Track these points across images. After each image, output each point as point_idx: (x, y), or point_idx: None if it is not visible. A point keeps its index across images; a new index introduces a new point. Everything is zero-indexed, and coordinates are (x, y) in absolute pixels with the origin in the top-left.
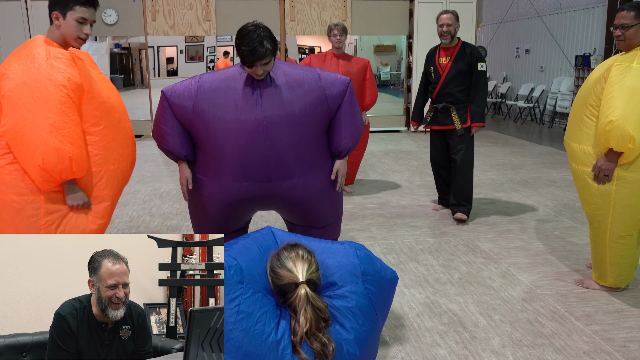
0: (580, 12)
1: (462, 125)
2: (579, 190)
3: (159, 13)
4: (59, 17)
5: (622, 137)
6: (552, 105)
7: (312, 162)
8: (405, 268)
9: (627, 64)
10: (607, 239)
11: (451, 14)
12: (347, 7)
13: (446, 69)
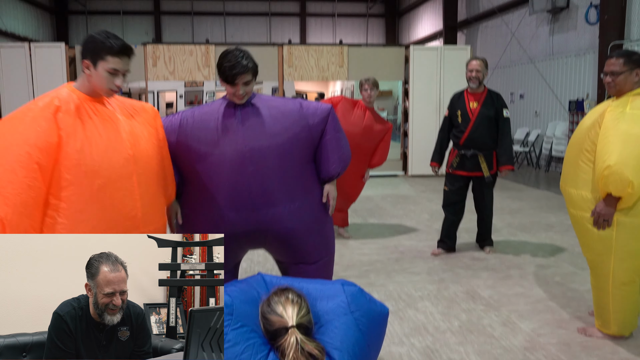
0: (572, 58)
1: (490, 172)
2: (579, 236)
3: (160, 59)
4: (89, 67)
5: (620, 182)
6: (547, 150)
7: (299, 189)
8: (404, 316)
9: (620, 109)
10: (610, 286)
11: (481, 61)
12: (344, 53)
13: (475, 114)
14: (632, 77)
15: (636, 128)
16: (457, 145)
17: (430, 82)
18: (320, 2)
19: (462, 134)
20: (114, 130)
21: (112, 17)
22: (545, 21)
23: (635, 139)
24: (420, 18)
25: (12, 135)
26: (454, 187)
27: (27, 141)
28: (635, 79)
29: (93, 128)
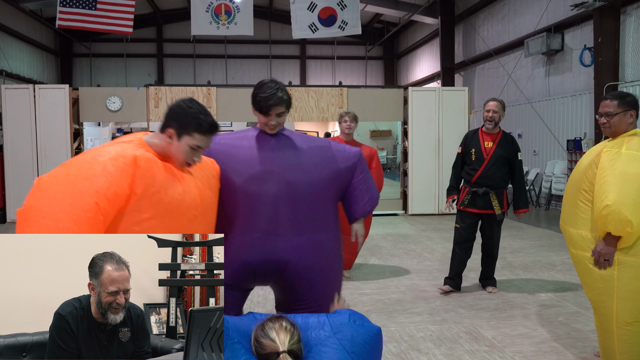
0: (569, 98)
1: (501, 210)
2: (580, 276)
3: (162, 100)
4: (172, 137)
5: (619, 221)
6: (547, 188)
7: (323, 223)
8: (406, 358)
9: (616, 150)
10: (614, 326)
11: (498, 102)
12: (344, 94)
13: (490, 153)
14: (627, 118)
15: (632, 168)
16: (469, 183)
17: (429, 122)
18: (320, 45)
19: (475, 171)
20: (187, 186)
21: (116, 59)
22: (540, 63)
23: (632, 179)
24: (418, 60)
25: (80, 182)
26: (465, 225)
27: (97, 190)
28: (629, 120)
29: (169, 180)
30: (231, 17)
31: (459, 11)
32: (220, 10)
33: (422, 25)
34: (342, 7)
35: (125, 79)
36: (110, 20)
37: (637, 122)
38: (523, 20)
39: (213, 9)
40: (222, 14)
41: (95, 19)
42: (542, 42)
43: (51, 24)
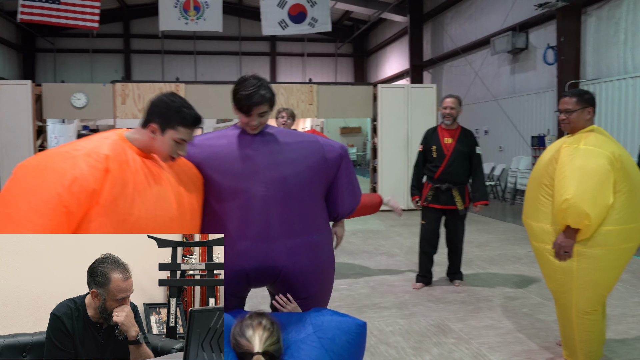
0: (533, 96)
1: (464, 205)
2: (542, 268)
3: (129, 97)
4: (156, 131)
5: (578, 215)
6: (512, 183)
7: (317, 223)
8: (376, 352)
9: (575, 145)
10: (574, 315)
11: (455, 99)
12: (314, 91)
13: (451, 149)
14: (585, 114)
15: (590, 163)
16: (432, 179)
17: (398, 119)
18: (290, 42)
19: (437, 168)
20: (162, 189)
21: (81, 55)
22: (506, 61)
23: (590, 174)
24: (387, 57)
25: (47, 173)
26: (430, 220)
27: (62, 183)
28: (587, 117)
29: (143, 184)
30: (200, 13)
31: (427, 9)
32: (189, 5)
33: (392, 23)
34: (312, 4)
35: (90, 75)
36: (75, 15)
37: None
38: (489, 19)
39: (181, 5)
40: (191, 10)
41: (60, 13)
42: (507, 40)
43: (12, 18)
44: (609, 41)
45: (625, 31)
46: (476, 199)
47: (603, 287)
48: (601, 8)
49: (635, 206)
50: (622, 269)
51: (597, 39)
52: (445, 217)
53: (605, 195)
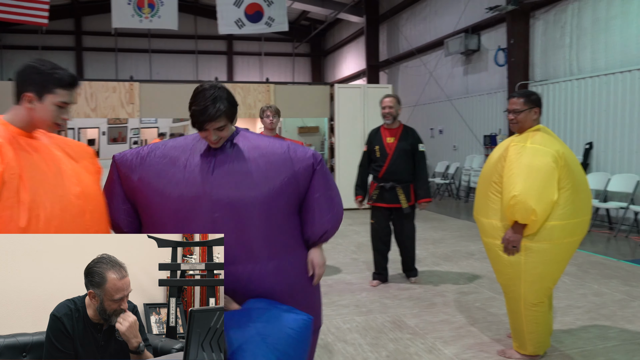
0: (485, 96)
1: (408, 203)
2: (492, 263)
3: (81, 96)
4: (33, 100)
5: (525, 210)
6: (466, 181)
7: (282, 245)
8: (333, 349)
9: (522, 144)
10: (522, 308)
11: (393, 98)
12: (271, 91)
13: (393, 148)
14: (532, 114)
15: (536, 161)
16: (377, 179)
17: (354, 119)
18: (247, 41)
19: (381, 167)
20: (56, 167)
21: (30, 52)
22: (459, 62)
23: (536, 171)
24: (344, 57)
25: None
26: (378, 219)
27: None
28: (534, 117)
29: (34, 165)
30: (155, 11)
31: (383, 10)
32: (143, 3)
33: (348, 24)
34: (268, 4)
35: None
36: (24, 10)
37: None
38: (443, 21)
39: (135, 2)
40: (145, 7)
41: (7, 9)
42: (460, 42)
43: None
44: (555, 44)
45: (570, 35)
46: (419, 196)
47: (549, 279)
48: (548, 12)
49: (578, 202)
50: (566, 262)
51: (545, 41)
52: (392, 215)
53: (550, 192)
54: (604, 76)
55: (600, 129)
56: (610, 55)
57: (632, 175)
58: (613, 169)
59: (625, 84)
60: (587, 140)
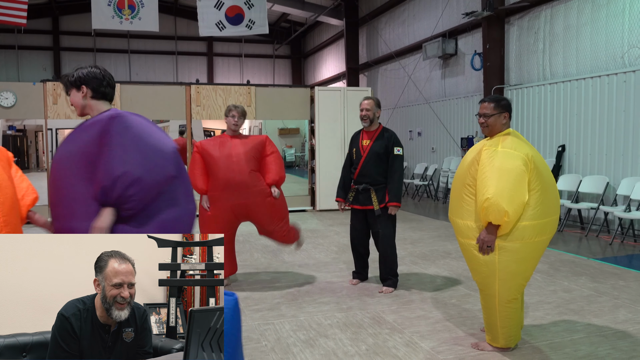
0: (462, 99)
1: (380, 206)
2: (468, 262)
3: (61, 97)
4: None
5: (498, 212)
6: (444, 183)
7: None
8: (315, 343)
9: (494, 148)
10: (497, 304)
11: (371, 100)
12: (252, 93)
13: (366, 151)
14: (501, 119)
15: (507, 164)
16: (353, 181)
17: (334, 121)
18: (227, 42)
19: (355, 169)
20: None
21: (6, 52)
22: (437, 66)
23: (507, 174)
24: (324, 60)
25: None
26: (356, 220)
27: None
28: (503, 121)
29: None
30: (135, 12)
31: (363, 14)
32: (123, 4)
33: (328, 26)
34: (249, 6)
35: (17, 73)
36: (2, 10)
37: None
38: (421, 26)
39: (115, 3)
40: (125, 9)
41: None
42: (438, 46)
43: None
44: (529, 49)
45: (543, 41)
46: (389, 200)
47: (522, 277)
48: (522, 18)
49: (547, 202)
50: (537, 260)
51: (519, 47)
52: (367, 217)
53: (521, 194)
54: (575, 81)
55: (572, 132)
56: (581, 61)
57: (602, 177)
58: (584, 171)
59: (595, 89)
60: (559, 143)
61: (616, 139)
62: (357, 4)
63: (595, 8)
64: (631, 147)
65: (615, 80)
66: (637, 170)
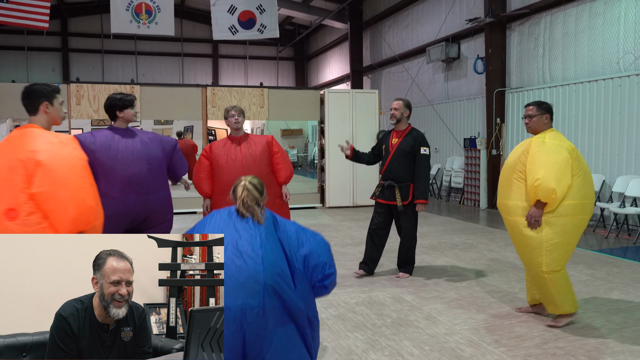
0: (464, 101)
1: (403, 202)
2: (514, 237)
3: (84, 98)
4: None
5: (547, 190)
6: (447, 182)
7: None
8: (345, 317)
9: (541, 140)
10: (545, 273)
11: (401, 101)
12: (265, 94)
13: (394, 149)
14: (543, 119)
15: (555, 151)
16: (381, 176)
17: (343, 122)
18: (232, 44)
19: (383, 166)
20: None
21: (16, 52)
22: (440, 69)
23: (554, 159)
24: (328, 62)
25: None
26: (378, 213)
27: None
28: (545, 121)
29: None
30: (152, 17)
31: (367, 18)
32: (141, 9)
33: (332, 29)
34: (261, 11)
35: (26, 74)
36: (25, 15)
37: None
38: (425, 30)
39: (133, 8)
40: (143, 13)
41: (8, 12)
42: (441, 50)
43: None
44: (529, 54)
45: (543, 46)
46: (415, 197)
47: (565, 249)
48: (523, 24)
49: (587, 187)
50: (578, 237)
51: (520, 52)
52: (391, 212)
53: (567, 176)
54: (573, 85)
55: (570, 132)
56: (579, 66)
57: (598, 175)
58: None
59: (592, 93)
60: None
61: (612, 139)
62: (361, 8)
63: (592, 16)
64: (626, 147)
65: (611, 84)
66: (632, 169)
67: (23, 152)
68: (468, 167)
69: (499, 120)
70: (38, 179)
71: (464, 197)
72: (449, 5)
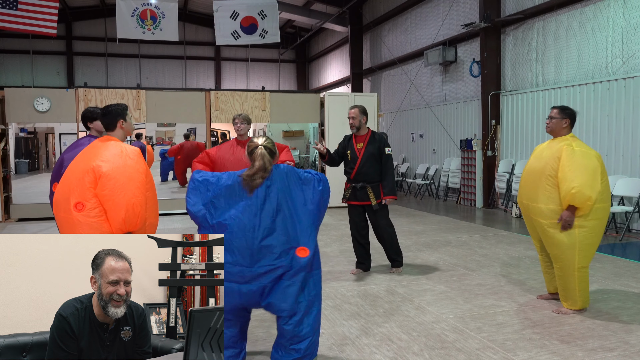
0: (461, 104)
1: (377, 201)
2: (546, 237)
3: (91, 102)
4: (123, 122)
5: (583, 198)
6: (445, 182)
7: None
8: (341, 308)
9: (571, 147)
10: (576, 270)
11: (357, 109)
12: (266, 98)
13: (362, 152)
14: (562, 123)
15: (586, 160)
16: (349, 180)
17: (343, 124)
18: (234, 47)
19: (352, 169)
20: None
21: (21, 56)
22: (438, 72)
23: (586, 168)
24: (328, 65)
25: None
26: (354, 215)
27: (141, 170)
28: (564, 125)
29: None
30: (157, 23)
31: (367, 21)
32: (146, 15)
33: (333, 33)
34: (262, 17)
35: (31, 77)
36: (33, 21)
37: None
38: (423, 34)
39: (138, 14)
40: (148, 19)
41: (17, 19)
42: (439, 54)
43: None
44: (523, 58)
45: (536, 50)
46: (385, 194)
47: (594, 247)
48: (517, 29)
49: (608, 191)
50: (601, 236)
51: (514, 55)
52: (365, 212)
53: (598, 183)
54: (564, 88)
55: None
56: (570, 70)
57: None
58: None
59: (582, 95)
60: None
61: (601, 140)
62: (361, 12)
63: (582, 21)
64: (614, 147)
65: (600, 87)
66: (619, 169)
67: (95, 161)
68: (464, 167)
69: (494, 122)
70: (101, 184)
71: (461, 197)
72: (446, 10)
